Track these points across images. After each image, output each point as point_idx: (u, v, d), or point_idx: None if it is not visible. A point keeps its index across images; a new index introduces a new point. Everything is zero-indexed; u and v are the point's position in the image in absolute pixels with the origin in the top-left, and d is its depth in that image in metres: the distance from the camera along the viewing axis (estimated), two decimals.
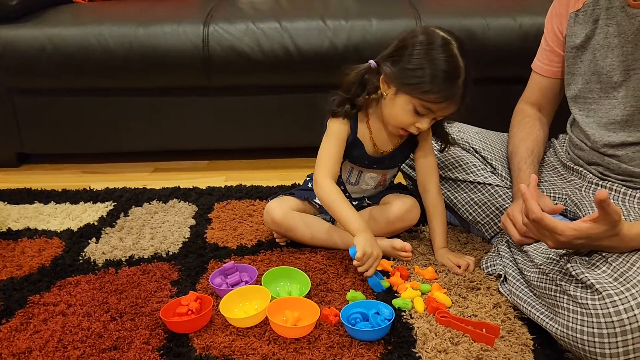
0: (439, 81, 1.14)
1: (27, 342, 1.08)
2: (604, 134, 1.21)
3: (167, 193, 1.71)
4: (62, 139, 1.93)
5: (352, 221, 1.22)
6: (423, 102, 1.17)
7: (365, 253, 1.18)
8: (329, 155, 1.28)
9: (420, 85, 1.15)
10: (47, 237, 1.47)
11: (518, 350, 1.05)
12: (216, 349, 1.06)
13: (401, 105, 1.20)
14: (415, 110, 1.19)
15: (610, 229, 0.96)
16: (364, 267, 1.19)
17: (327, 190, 1.26)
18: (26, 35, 1.77)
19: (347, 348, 1.06)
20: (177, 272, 1.31)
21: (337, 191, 1.26)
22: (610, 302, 0.92)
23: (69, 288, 1.25)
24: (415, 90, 1.16)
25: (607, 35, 1.17)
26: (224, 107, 1.89)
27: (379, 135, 1.32)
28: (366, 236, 1.20)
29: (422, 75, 1.15)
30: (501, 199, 1.35)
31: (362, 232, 1.20)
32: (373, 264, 1.20)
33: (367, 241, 1.19)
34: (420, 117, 1.20)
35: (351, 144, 1.31)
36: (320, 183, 1.27)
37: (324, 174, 1.27)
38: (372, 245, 1.19)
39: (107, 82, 1.83)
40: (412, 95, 1.18)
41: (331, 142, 1.29)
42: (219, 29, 1.77)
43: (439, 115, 1.21)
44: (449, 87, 1.15)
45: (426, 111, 1.19)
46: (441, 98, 1.15)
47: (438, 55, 1.14)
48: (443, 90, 1.15)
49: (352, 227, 1.22)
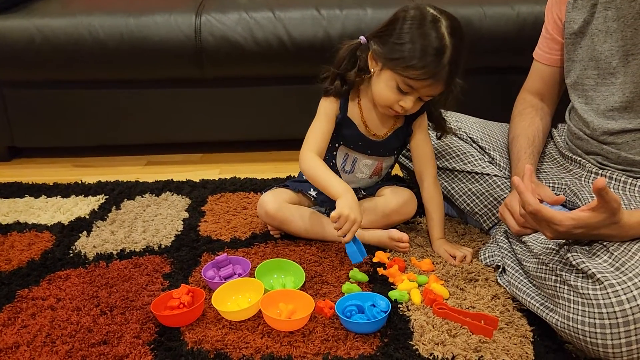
0: (423, 56, 1.11)
1: (14, 337, 1.06)
2: (602, 121, 1.18)
3: (160, 186, 1.68)
4: (54, 132, 1.90)
5: (334, 185, 1.21)
6: (404, 78, 1.15)
7: (342, 214, 1.16)
8: (314, 132, 1.28)
9: (402, 60, 1.13)
10: (37, 231, 1.45)
11: (517, 342, 1.03)
12: (208, 343, 1.04)
13: (385, 81, 1.18)
14: (398, 87, 1.17)
15: (610, 217, 0.95)
16: (342, 230, 1.17)
17: (309, 161, 1.25)
18: (15, 26, 1.73)
19: (343, 341, 1.04)
20: (169, 265, 1.28)
21: (319, 161, 1.26)
22: (612, 291, 0.90)
23: (58, 282, 1.23)
24: (397, 66, 1.14)
25: (606, 20, 1.15)
26: (217, 99, 1.86)
27: (370, 117, 1.30)
28: (347, 198, 1.18)
29: (406, 50, 1.13)
30: (499, 189, 1.33)
31: (344, 194, 1.19)
32: (351, 227, 1.17)
33: (346, 203, 1.17)
34: (404, 95, 1.18)
35: (341, 123, 1.29)
36: (302, 156, 1.26)
37: (307, 148, 1.27)
38: (350, 207, 1.16)
39: (98, 73, 1.80)
40: (395, 71, 1.16)
41: (318, 119, 1.29)
42: (211, 19, 1.74)
43: (423, 94, 1.18)
44: (431, 63, 1.12)
45: (409, 88, 1.16)
46: (423, 75, 1.13)
47: (424, 31, 1.12)
48: (425, 67, 1.12)
49: (333, 190, 1.21)
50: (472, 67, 1.75)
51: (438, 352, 1.01)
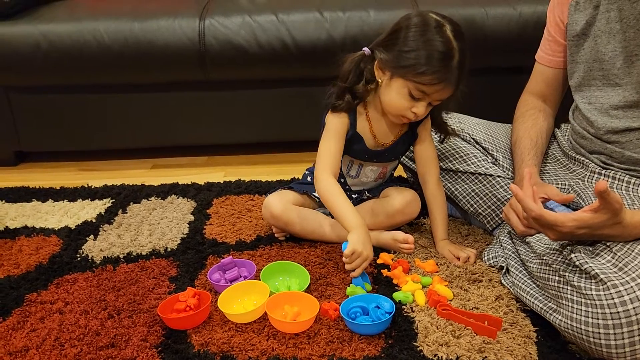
0: (433, 62, 1.12)
1: (24, 340, 1.07)
2: (606, 120, 1.19)
3: (166, 189, 1.69)
4: (60, 137, 1.92)
5: (348, 216, 1.20)
6: (417, 84, 1.15)
7: (355, 251, 1.15)
8: (329, 151, 1.26)
9: (415, 67, 1.14)
10: (44, 235, 1.46)
11: (521, 342, 1.04)
12: (215, 345, 1.05)
13: (396, 89, 1.19)
14: (410, 94, 1.17)
15: (612, 218, 0.95)
16: (351, 265, 1.17)
17: (326, 186, 1.24)
18: (20, 32, 1.75)
19: (348, 342, 1.05)
20: (176, 269, 1.30)
21: (336, 187, 1.24)
22: (615, 292, 0.90)
23: (66, 286, 1.24)
24: (409, 73, 1.15)
25: (609, 21, 1.15)
26: (221, 102, 1.88)
27: (379, 127, 1.30)
28: (360, 233, 1.17)
29: (416, 57, 1.13)
30: (502, 190, 1.34)
31: (357, 228, 1.17)
32: (361, 264, 1.17)
33: (359, 239, 1.16)
34: (416, 102, 1.18)
35: (351, 139, 1.29)
36: (319, 179, 1.25)
37: (323, 169, 1.25)
38: (364, 244, 1.16)
39: (103, 78, 1.81)
40: (406, 79, 1.16)
41: (331, 138, 1.27)
42: (215, 23, 1.75)
43: (434, 99, 1.19)
44: (443, 68, 1.13)
45: (421, 94, 1.17)
46: (436, 79, 1.14)
47: (432, 37, 1.13)
48: (437, 72, 1.13)
49: (347, 222, 1.20)
50: (474, 67, 1.76)
51: (442, 353, 1.01)
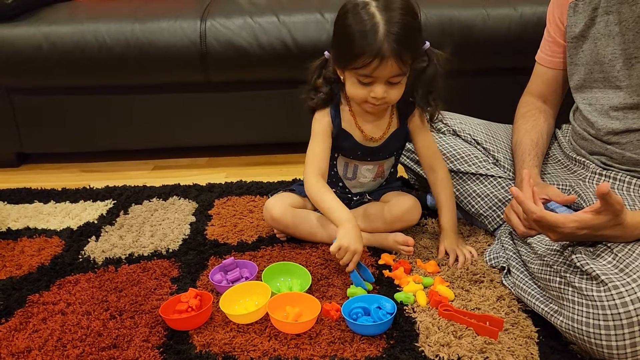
0: (356, 44, 1.11)
1: (26, 341, 1.07)
2: (607, 121, 1.19)
3: (167, 190, 1.70)
4: (61, 138, 1.92)
5: (335, 212, 1.20)
6: (356, 71, 1.14)
7: (341, 247, 1.15)
8: (313, 153, 1.28)
9: (345, 57, 1.14)
10: (46, 236, 1.47)
11: (522, 343, 1.04)
12: (216, 346, 1.05)
13: (349, 82, 1.19)
14: (360, 82, 1.17)
15: (613, 219, 0.95)
16: (343, 261, 1.17)
17: (313, 187, 1.25)
18: (22, 34, 1.75)
19: (349, 343, 1.05)
20: (177, 269, 1.30)
21: (323, 186, 1.26)
22: (616, 293, 0.90)
23: (68, 287, 1.24)
24: (346, 65, 1.15)
25: (608, 24, 1.15)
26: (222, 103, 1.88)
27: (364, 120, 1.30)
28: (348, 228, 1.17)
29: (342, 47, 1.14)
30: (504, 191, 1.34)
31: (345, 223, 1.18)
32: (352, 258, 1.17)
33: (346, 234, 1.16)
34: (370, 86, 1.17)
35: (338, 137, 1.29)
36: (306, 181, 1.27)
37: (310, 172, 1.27)
38: (351, 238, 1.16)
39: (105, 79, 1.81)
40: (347, 69, 1.17)
41: (315, 140, 1.28)
42: (216, 24, 1.76)
43: (383, 77, 1.15)
44: (368, 45, 1.10)
45: (367, 78, 1.15)
46: (367, 58, 1.11)
47: (351, 21, 1.12)
48: (364, 52, 1.10)
49: (335, 218, 1.20)
50: (475, 68, 1.75)
51: (444, 353, 1.01)
